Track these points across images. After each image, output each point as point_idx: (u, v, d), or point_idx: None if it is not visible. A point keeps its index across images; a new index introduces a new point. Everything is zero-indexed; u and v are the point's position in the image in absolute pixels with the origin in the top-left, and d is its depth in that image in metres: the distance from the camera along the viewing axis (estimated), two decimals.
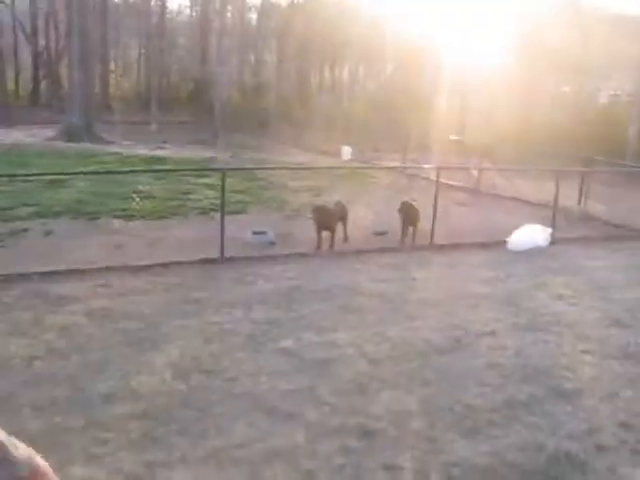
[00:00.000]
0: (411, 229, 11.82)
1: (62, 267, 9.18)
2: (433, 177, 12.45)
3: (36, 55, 47.02)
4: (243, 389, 5.90)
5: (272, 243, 11.13)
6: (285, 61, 43.91)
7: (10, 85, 44.74)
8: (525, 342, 7.33)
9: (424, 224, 11.87)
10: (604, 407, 5.97)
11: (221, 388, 5.89)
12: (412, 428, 5.40)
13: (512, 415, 5.68)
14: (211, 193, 14.77)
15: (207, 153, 23.91)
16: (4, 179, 14.53)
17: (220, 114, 31.39)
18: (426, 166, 17.64)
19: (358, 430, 5.29)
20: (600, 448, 5.25)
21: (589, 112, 28.33)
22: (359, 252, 10.92)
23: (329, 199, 12.52)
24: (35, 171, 16.49)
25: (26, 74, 48.25)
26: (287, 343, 6.91)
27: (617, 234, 13.74)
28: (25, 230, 11.45)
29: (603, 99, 37.47)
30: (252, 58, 52.27)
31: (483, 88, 31.82)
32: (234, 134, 29.35)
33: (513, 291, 9.33)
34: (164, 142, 27.07)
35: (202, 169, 18.96)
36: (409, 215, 11.70)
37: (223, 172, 10.91)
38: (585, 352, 7.18)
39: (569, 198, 15.63)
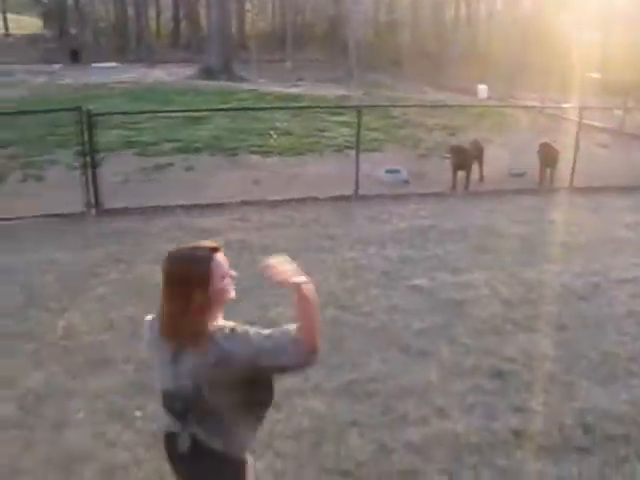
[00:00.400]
0: (549, 171, 11.42)
1: (203, 201, 9.55)
2: (573, 117, 11.88)
3: None
4: (377, 324, 6.00)
5: (406, 182, 11.09)
6: None
7: (152, 25, 46.15)
8: None
9: (563, 166, 11.43)
10: None
11: (356, 322, 6.02)
12: (546, 372, 5.33)
13: None
14: (346, 131, 14.79)
15: (341, 91, 23.86)
16: (148, 115, 15.14)
17: (354, 52, 31.09)
18: (567, 105, 16.85)
19: (491, 371, 5.28)
20: None
21: None
22: (495, 193, 10.68)
23: (465, 138, 12.25)
24: (176, 108, 17.06)
25: (167, 14, 49.56)
26: (421, 281, 6.94)
27: None
28: (169, 165, 11.95)
29: None
30: None
31: (628, 21, 29.79)
32: (368, 72, 29.08)
33: None
34: (299, 80, 27.23)
35: (338, 106, 18.94)
36: (548, 156, 11.29)
37: (359, 110, 10.89)
38: None
39: None
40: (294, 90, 24.37)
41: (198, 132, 14.73)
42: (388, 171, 11.20)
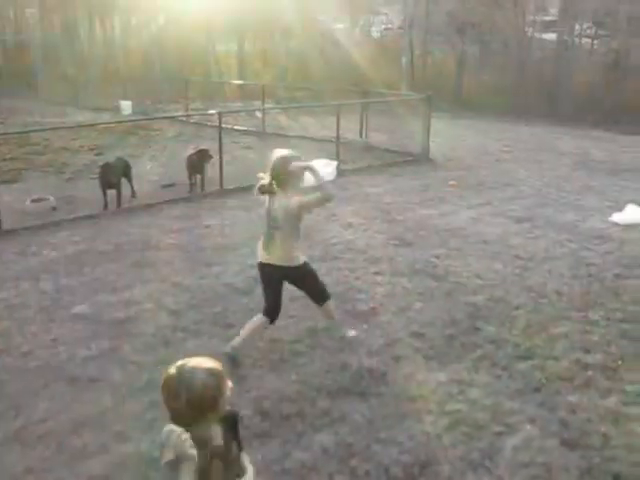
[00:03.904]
0: (199, 177, 11.69)
1: None
2: (217, 123, 12.31)
3: None
4: (39, 362, 5.61)
5: (54, 208, 10.53)
6: (49, 15, 41.03)
7: None
8: (321, 272, 7.52)
9: (212, 171, 11.78)
10: (397, 321, 6.35)
11: (15, 365, 5.56)
12: None
13: (315, 343, 5.88)
14: None
15: None
16: None
17: None
18: (208, 112, 17.42)
19: None
20: (397, 359, 5.59)
21: (363, 47, 29.25)
22: (148, 207, 10.63)
23: (112, 157, 12.01)
24: None
25: None
26: (81, 308, 6.65)
27: (397, 160, 14.50)
28: None
29: (376, 34, 38.89)
30: (11, 14, 48.27)
31: (257, 31, 31.88)
32: (1, 98, 27.16)
33: (306, 225, 9.45)
34: None
35: None
36: (195, 164, 11.55)
37: None
38: (377, 273, 7.58)
39: (351, 131, 16.23)
40: None
41: None
42: (33, 200, 10.54)
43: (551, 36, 30.41)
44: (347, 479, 4.14)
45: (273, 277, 5.41)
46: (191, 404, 2.40)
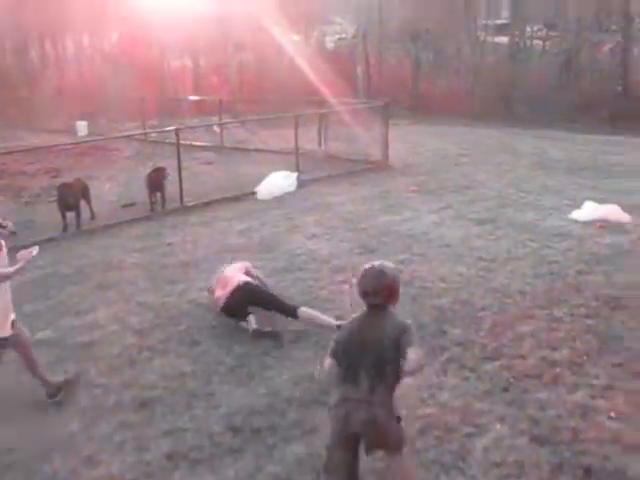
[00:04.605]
0: (159, 195, 11.60)
1: None
2: (175, 140, 12.24)
3: None
4: (4, 390, 5.49)
5: (13, 233, 10.31)
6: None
7: None
8: (285, 283, 7.55)
9: (172, 188, 11.71)
10: None
11: None
12: (188, 389, 5.39)
13: (283, 355, 5.86)
14: None
15: None
16: None
17: None
18: (165, 129, 17.29)
19: (134, 403, 5.20)
20: None
21: (318, 58, 29.39)
22: (109, 227, 10.52)
23: (70, 179, 11.85)
24: None
25: None
26: (45, 334, 6.55)
27: (357, 169, 14.53)
28: None
29: (330, 43, 39.10)
30: None
31: (211, 47, 31.82)
32: None
33: (269, 237, 9.56)
34: None
35: None
36: (154, 181, 11.47)
37: None
38: (342, 282, 7.57)
39: (311, 142, 16.26)
40: None
41: None
42: None
43: (503, 39, 30.88)
44: None
45: None
46: None
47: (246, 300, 6.43)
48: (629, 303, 6.71)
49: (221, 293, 6.58)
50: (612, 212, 9.78)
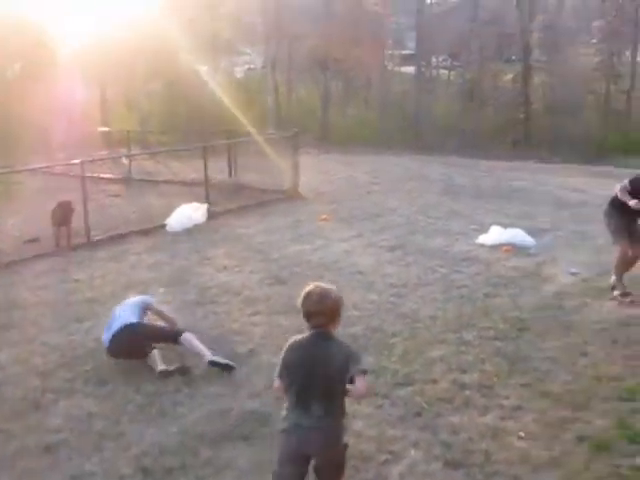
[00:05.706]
0: (64, 230, 11.24)
1: None
2: (81, 173, 11.93)
3: None
4: None
5: None
6: None
7: None
8: (196, 317, 7.42)
9: (79, 223, 11.38)
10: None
11: None
12: (96, 431, 5.18)
13: (194, 392, 5.72)
14: None
15: None
16: None
17: None
18: (70, 162, 16.85)
19: (38, 449, 4.94)
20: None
21: (227, 88, 29.40)
22: (12, 264, 10.11)
23: None
24: None
25: None
26: None
27: (268, 199, 14.49)
28: None
29: (239, 74, 39.23)
30: None
31: (121, 74, 31.30)
32: None
33: (180, 271, 9.40)
34: None
35: None
36: (60, 216, 11.12)
37: None
38: (254, 314, 7.50)
39: (221, 172, 16.18)
40: None
41: None
42: None
43: (410, 69, 31.73)
44: None
45: None
46: None
47: (130, 342, 6.22)
48: (535, 324, 6.91)
49: (104, 336, 6.40)
50: (517, 236, 10.11)
